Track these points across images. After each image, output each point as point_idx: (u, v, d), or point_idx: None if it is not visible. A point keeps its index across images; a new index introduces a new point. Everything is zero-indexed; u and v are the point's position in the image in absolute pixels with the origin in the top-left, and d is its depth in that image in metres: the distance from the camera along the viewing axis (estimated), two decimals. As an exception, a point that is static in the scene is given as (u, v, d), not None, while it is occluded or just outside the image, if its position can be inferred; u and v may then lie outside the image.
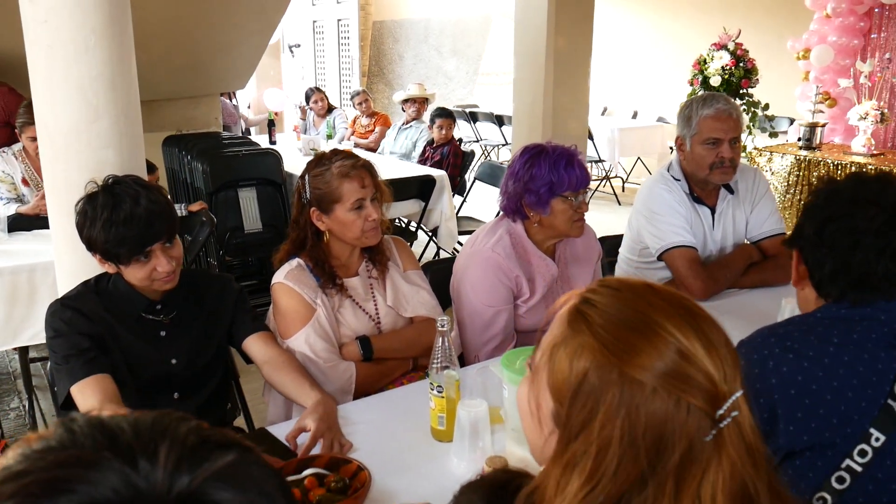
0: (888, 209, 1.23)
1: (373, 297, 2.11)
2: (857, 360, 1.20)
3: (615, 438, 0.74)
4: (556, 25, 3.79)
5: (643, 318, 0.78)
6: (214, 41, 4.63)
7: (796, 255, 1.36)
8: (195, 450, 0.48)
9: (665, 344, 0.76)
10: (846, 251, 1.24)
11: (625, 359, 0.76)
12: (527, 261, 2.26)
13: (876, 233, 1.22)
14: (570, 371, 0.78)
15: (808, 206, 1.33)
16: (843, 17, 6.27)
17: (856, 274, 1.24)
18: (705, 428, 0.75)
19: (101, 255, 1.75)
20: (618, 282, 0.85)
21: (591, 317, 0.80)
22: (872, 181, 1.28)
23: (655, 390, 0.74)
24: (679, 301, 0.81)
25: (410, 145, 6.03)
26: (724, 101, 2.47)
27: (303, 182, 2.04)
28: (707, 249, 2.61)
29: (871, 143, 5.35)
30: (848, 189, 1.28)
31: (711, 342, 0.78)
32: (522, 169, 2.19)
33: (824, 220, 1.27)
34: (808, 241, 1.30)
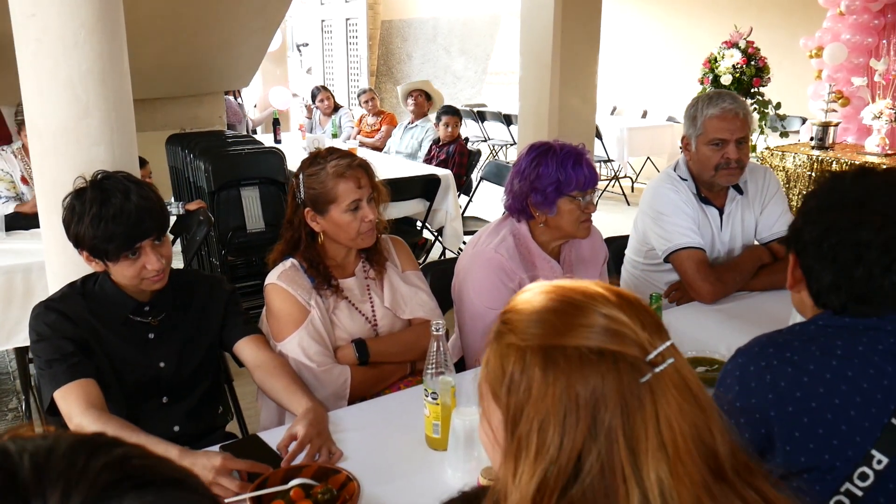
0: (890, 219, 1.14)
1: (369, 298, 2.05)
2: (861, 375, 1.11)
3: (551, 410, 0.76)
4: (562, 24, 3.72)
5: (561, 302, 0.81)
6: (217, 39, 4.58)
7: (793, 258, 1.28)
8: (105, 490, 0.42)
9: (584, 311, 0.79)
10: (849, 265, 1.15)
11: (547, 336, 0.78)
12: (531, 262, 2.19)
13: (882, 247, 1.13)
14: (502, 370, 0.80)
15: (808, 207, 1.24)
16: (856, 15, 6.16)
17: (858, 289, 1.15)
18: (640, 371, 0.76)
19: (89, 252, 1.69)
20: (530, 291, 0.86)
21: (513, 322, 0.82)
22: (880, 185, 1.18)
23: (579, 351, 0.76)
24: (592, 286, 0.84)
25: (416, 144, 5.97)
26: (730, 100, 2.39)
27: (297, 181, 1.98)
28: (715, 251, 2.53)
29: (885, 142, 5.25)
30: (852, 193, 1.19)
31: (630, 306, 0.81)
32: (529, 167, 2.12)
33: (826, 230, 1.18)
34: (807, 249, 1.21)
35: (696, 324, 2.29)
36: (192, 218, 3.72)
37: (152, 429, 1.63)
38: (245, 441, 1.71)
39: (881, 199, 1.17)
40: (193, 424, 1.87)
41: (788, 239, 1.29)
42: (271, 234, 4.46)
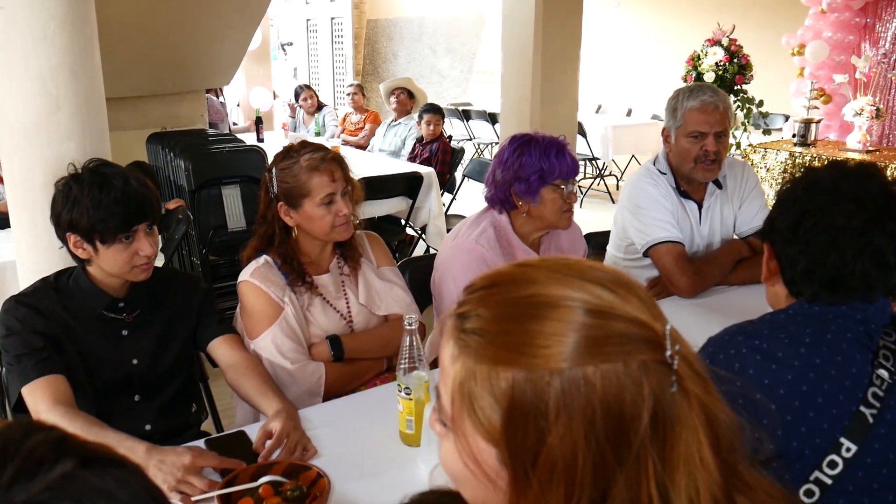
0: (868, 206, 1.13)
1: (344, 294, 2.03)
2: (829, 362, 1.11)
3: (579, 443, 0.63)
4: (543, 20, 3.72)
5: (530, 301, 0.67)
6: (197, 36, 4.54)
7: (768, 249, 1.27)
8: (38, 461, 0.45)
9: (569, 312, 0.65)
10: (822, 250, 1.15)
11: (541, 354, 0.64)
12: (511, 254, 2.18)
13: (855, 231, 1.13)
14: (495, 401, 0.65)
15: (783, 197, 1.24)
16: (838, 13, 6.20)
17: (831, 274, 1.15)
18: (666, 379, 0.65)
19: (82, 235, 1.67)
20: (482, 280, 0.72)
21: (482, 331, 0.67)
22: (853, 173, 1.18)
23: (595, 368, 0.63)
24: (556, 261, 0.72)
25: (400, 142, 5.94)
26: (710, 93, 2.39)
27: (269, 176, 1.96)
28: (694, 245, 2.53)
29: (866, 139, 5.28)
30: (826, 181, 1.18)
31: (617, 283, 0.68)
32: (512, 157, 2.12)
33: (800, 215, 1.18)
34: (782, 235, 1.21)
35: (675, 318, 2.23)
36: (171, 216, 3.68)
37: (123, 427, 1.60)
38: (230, 437, 1.69)
39: (854, 186, 1.17)
40: (165, 423, 1.85)
41: (764, 230, 1.29)
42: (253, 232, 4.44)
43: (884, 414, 1.08)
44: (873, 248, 1.13)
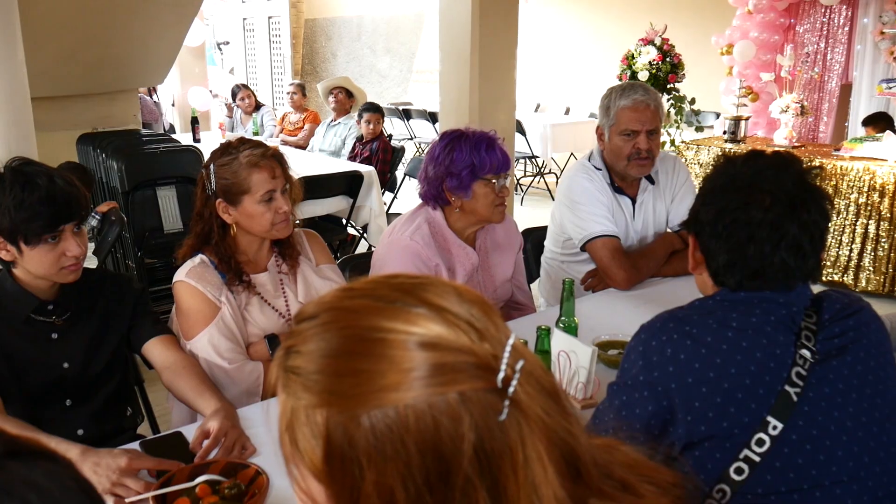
0: (783, 199, 1.19)
1: (283, 293, 2.01)
2: (755, 345, 1.16)
3: (395, 486, 0.60)
4: (480, 18, 3.75)
5: (356, 335, 0.63)
6: (128, 34, 4.43)
7: (693, 240, 1.32)
8: None
9: (386, 347, 0.61)
10: (741, 244, 1.21)
11: (358, 393, 0.61)
12: (446, 250, 2.20)
13: (770, 225, 1.18)
14: (315, 440, 0.62)
15: (706, 190, 1.29)
16: (763, 14, 6.42)
17: (751, 266, 1.21)
18: (494, 407, 0.60)
19: (6, 236, 1.62)
20: (313, 307, 0.67)
21: (301, 369, 0.64)
22: (769, 167, 1.24)
23: (407, 406, 0.59)
24: (382, 285, 0.66)
25: (340, 142, 5.91)
26: (642, 92, 2.45)
27: (207, 172, 1.93)
28: (629, 239, 2.59)
29: (792, 135, 5.48)
30: (744, 176, 1.24)
31: (443, 307, 0.63)
32: (443, 153, 2.14)
33: (720, 211, 1.23)
34: (704, 229, 1.26)
35: (611, 309, 2.34)
36: (103, 220, 3.59)
37: (54, 433, 1.56)
38: (167, 438, 1.66)
39: (769, 179, 1.22)
40: (99, 427, 1.81)
41: (688, 221, 1.33)
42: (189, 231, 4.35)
43: (807, 392, 1.14)
44: (789, 239, 1.19)
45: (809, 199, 1.20)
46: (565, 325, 1.87)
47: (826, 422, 1.14)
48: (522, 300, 2.46)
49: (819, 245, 1.23)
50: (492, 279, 2.30)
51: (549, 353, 1.57)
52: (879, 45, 5.90)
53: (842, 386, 1.16)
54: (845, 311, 1.23)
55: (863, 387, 1.17)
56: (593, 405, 1.53)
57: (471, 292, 0.68)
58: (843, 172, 4.84)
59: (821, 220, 1.21)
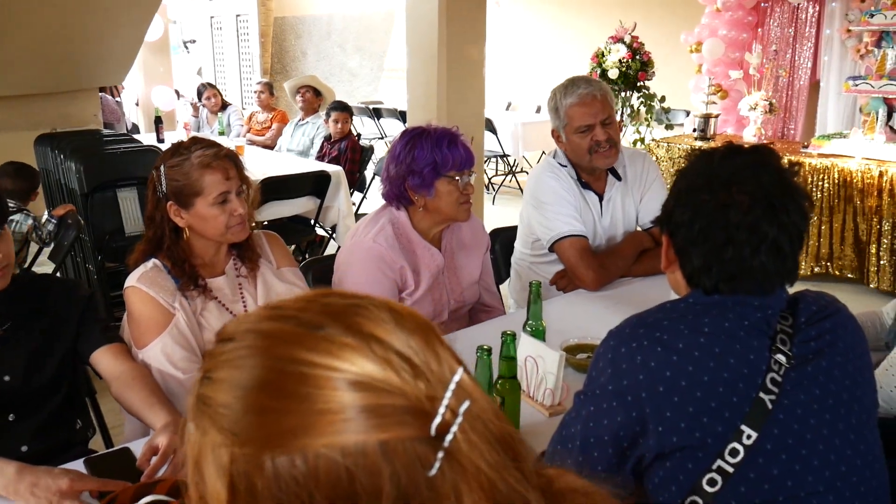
0: (762, 200, 1.14)
1: (242, 297, 1.93)
2: (728, 351, 1.11)
3: None
4: (447, 16, 3.69)
5: (271, 366, 0.56)
6: (86, 31, 4.31)
7: (666, 239, 1.27)
8: None
9: (311, 383, 0.54)
10: (718, 247, 1.15)
11: (264, 435, 0.54)
12: (411, 251, 2.14)
13: (749, 227, 1.13)
14: (218, 481, 0.56)
15: (680, 188, 1.23)
16: (732, 12, 6.44)
17: (729, 270, 1.15)
18: (424, 459, 0.53)
19: None
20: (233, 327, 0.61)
21: (211, 399, 0.57)
22: (746, 165, 1.18)
23: (317, 454, 0.52)
24: (311, 305, 0.60)
25: (308, 142, 5.81)
26: (585, 85, 2.41)
27: (157, 174, 1.85)
28: (597, 237, 2.54)
29: (761, 132, 5.49)
30: (720, 173, 1.18)
31: (375, 337, 0.56)
32: (404, 151, 2.08)
33: (696, 212, 1.18)
34: (679, 230, 1.21)
35: (581, 311, 2.29)
36: (60, 223, 3.47)
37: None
38: (112, 455, 1.57)
39: (748, 179, 1.16)
40: (45, 443, 1.71)
41: (661, 220, 1.28)
42: (144, 235, 4.24)
43: (781, 399, 1.09)
44: (768, 242, 1.13)
45: (789, 200, 1.15)
46: (532, 329, 1.81)
47: (802, 430, 1.09)
48: (491, 302, 2.40)
49: (798, 246, 1.18)
50: (458, 281, 2.24)
51: (515, 360, 1.51)
52: (846, 43, 5.94)
53: (818, 392, 1.11)
54: (821, 313, 1.18)
55: (839, 392, 1.13)
56: (562, 412, 1.47)
57: (412, 316, 0.60)
58: (812, 169, 4.85)
59: (800, 220, 1.16)
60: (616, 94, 6.30)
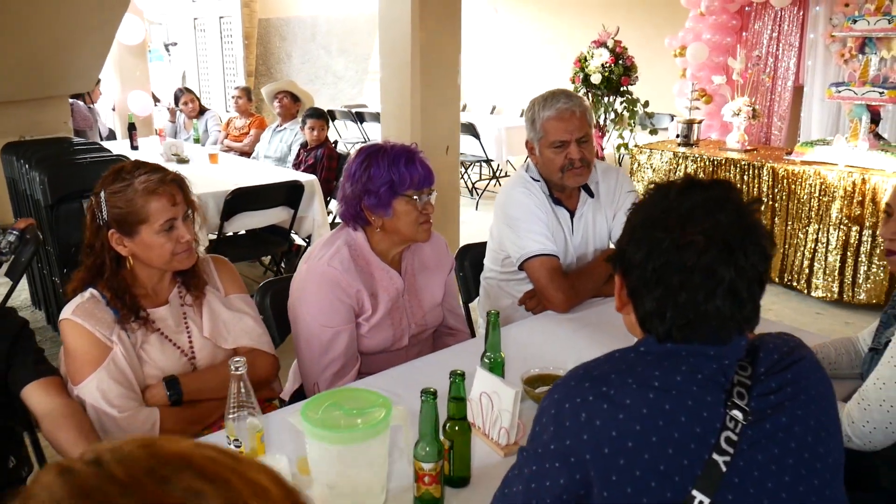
0: (719, 241, 1.04)
1: (186, 328, 1.84)
2: (679, 408, 1.01)
3: None
4: (420, 21, 3.59)
5: None
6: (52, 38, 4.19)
7: (619, 279, 1.17)
8: None
9: None
10: (672, 290, 1.05)
11: None
12: (369, 274, 2.05)
13: (704, 270, 1.04)
14: None
15: (634, 224, 1.14)
16: (716, 16, 6.37)
17: (683, 316, 1.06)
18: None
19: None
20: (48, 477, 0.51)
21: None
22: (703, 201, 1.09)
23: None
24: (141, 476, 0.50)
25: (286, 148, 5.71)
26: (565, 99, 2.32)
27: (97, 200, 1.75)
28: (568, 255, 2.46)
29: (744, 138, 5.42)
30: (676, 209, 1.09)
31: None
32: (360, 170, 1.99)
33: (649, 252, 1.08)
34: (633, 270, 1.11)
35: (548, 334, 2.20)
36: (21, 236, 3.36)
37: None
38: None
39: (705, 217, 1.07)
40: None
41: (615, 257, 1.18)
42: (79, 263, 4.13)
43: (737, 460, 1.00)
44: (725, 286, 1.04)
45: (748, 241, 1.06)
46: (491, 360, 1.72)
47: (759, 494, 1.00)
48: (455, 325, 2.31)
49: (758, 290, 1.08)
50: (420, 304, 2.15)
51: (464, 401, 1.42)
52: (830, 48, 5.87)
53: (777, 451, 1.02)
54: (783, 362, 1.09)
55: (801, 450, 1.04)
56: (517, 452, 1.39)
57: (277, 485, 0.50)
58: (794, 176, 4.79)
59: (760, 262, 1.07)
60: (599, 99, 6.23)
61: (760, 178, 4.98)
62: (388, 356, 2.10)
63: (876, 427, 1.50)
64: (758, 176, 4.99)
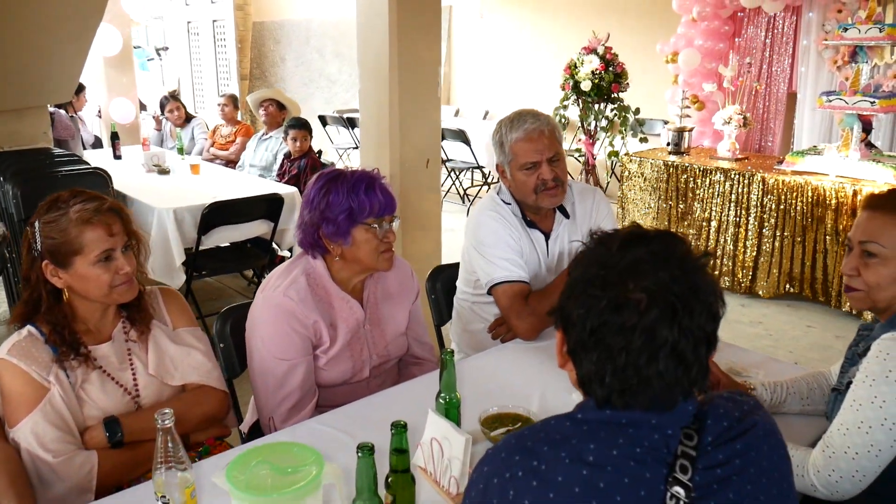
0: (661, 299, 0.96)
1: (130, 365, 1.76)
2: (614, 485, 0.93)
3: None
4: (398, 32, 3.51)
5: None
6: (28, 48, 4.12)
7: (560, 335, 1.09)
8: None
9: None
10: (611, 354, 0.97)
11: None
12: (328, 304, 1.97)
13: (647, 332, 0.96)
14: None
15: (574, 279, 1.05)
16: (708, 21, 6.29)
17: (623, 381, 0.98)
18: None
19: None
20: None
21: None
22: (646, 256, 1.00)
23: None
24: None
25: (271, 157, 5.63)
26: (531, 119, 2.25)
27: (31, 230, 1.68)
28: (541, 279, 2.37)
29: (735, 147, 5.34)
30: (617, 264, 1.01)
31: None
32: (318, 196, 1.92)
33: (588, 310, 1.00)
34: (571, 327, 1.03)
35: (516, 364, 2.13)
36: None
37: None
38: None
39: (647, 273, 0.98)
40: None
41: (556, 311, 1.10)
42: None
43: None
44: (668, 348, 0.96)
45: (694, 300, 0.97)
46: (445, 402, 1.64)
47: None
48: (422, 354, 2.23)
49: (706, 351, 1.00)
50: (382, 334, 2.07)
51: (406, 453, 1.34)
52: (823, 55, 5.79)
53: (722, 531, 0.95)
54: (733, 430, 1.01)
55: None
56: None
57: None
58: (785, 187, 4.71)
59: (707, 323, 0.98)
60: (589, 106, 6.15)
61: (751, 188, 4.90)
62: (349, 388, 2.03)
63: (842, 476, 1.42)
64: (748, 186, 4.92)
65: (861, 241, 1.56)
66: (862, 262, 1.56)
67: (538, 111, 2.32)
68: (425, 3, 3.64)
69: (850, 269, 1.58)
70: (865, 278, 1.56)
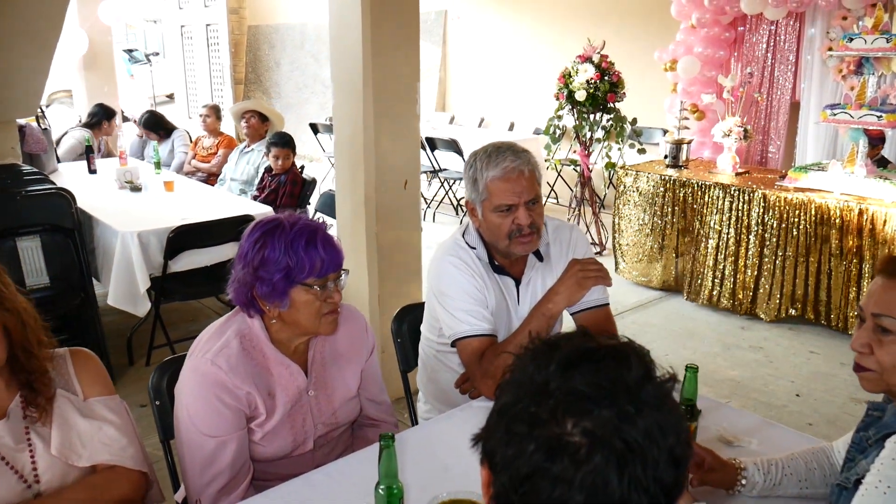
0: (606, 442, 0.74)
1: (29, 445, 1.54)
2: None
3: None
4: (372, 42, 3.28)
5: None
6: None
7: (485, 472, 0.87)
8: None
9: None
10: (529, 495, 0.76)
11: None
12: (265, 369, 1.75)
13: (587, 485, 0.73)
14: None
15: (503, 405, 0.83)
16: (707, 28, 6.06)
17: None
18: None
19: None
20: None
21: None
22: (591, 383, 0.78)
23: None
24: None
25: (252, 171, 5.42)
26: (511, 156, 2.00)
27: None
28: (511, 330, 2.13)
29: (735, 161, 5.11)
30: (551, 395, 0.78)
31: None
32: (252, 251, 1.68)
33: (515, 455, 0.77)
34: (496, 468, 0.81)
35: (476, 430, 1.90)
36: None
37: None
38: None
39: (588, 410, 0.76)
40: None
41: (478, 439, 0.87)
42: (58, 288, 3.85)
43: None
44: None
45: (649, 444, 0.75)
46: (385, 493, 1.42)
47: None
48: (377, 415, 2.00)
49: (669, 498, 0.78)
50: (329, 400, 1.85)
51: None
52: (827, 63, 5.54)
53: None
54: None
55: None
56: None
57: None
58: (787, 204, 4.47)
59: (667, 472, 0.76)
60: (584, 117, 5.92)
61: (751, 205, 4.67)
62: (290, 461, 1.80)
63: None
64: (748, 203, 4.68)
65: (874, 314, 1.33)
66: (875, 338, 1.33)
67: (517, 146, 2.07)
68: (403, 11, 3.41)
69: (862, 346, 1.34)
70: (879, 357, 1.32)
